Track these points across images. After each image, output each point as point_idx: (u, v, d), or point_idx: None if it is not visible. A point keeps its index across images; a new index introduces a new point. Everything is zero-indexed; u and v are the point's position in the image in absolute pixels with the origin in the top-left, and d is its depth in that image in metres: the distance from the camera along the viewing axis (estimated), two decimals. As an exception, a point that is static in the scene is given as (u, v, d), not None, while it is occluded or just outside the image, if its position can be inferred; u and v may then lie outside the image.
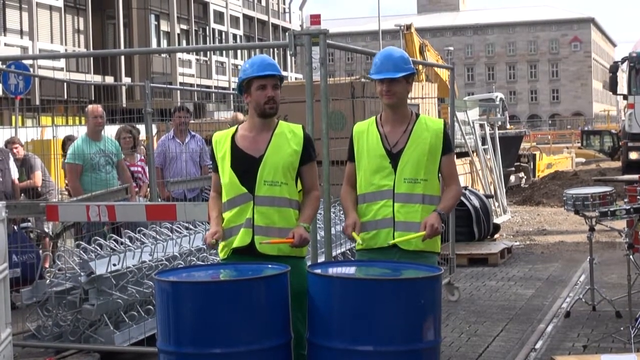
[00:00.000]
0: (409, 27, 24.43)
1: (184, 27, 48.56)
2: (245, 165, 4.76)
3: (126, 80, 39.88)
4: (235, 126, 4.99)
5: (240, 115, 11.25)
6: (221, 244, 4.83)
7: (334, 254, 7.01)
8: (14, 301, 6.76)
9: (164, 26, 46.52)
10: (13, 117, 16.99)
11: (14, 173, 10.08)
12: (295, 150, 4.78)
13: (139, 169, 10.57)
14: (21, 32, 36.03)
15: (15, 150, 11.05)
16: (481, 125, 17.69)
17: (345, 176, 5.12)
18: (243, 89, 4.83)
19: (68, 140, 10.61)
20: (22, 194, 10.49)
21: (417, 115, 5.05)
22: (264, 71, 4.75)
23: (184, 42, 47.77)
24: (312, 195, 4.88)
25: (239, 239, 4.72)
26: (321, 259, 6.12)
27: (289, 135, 4.82)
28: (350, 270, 4.96)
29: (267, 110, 4.77)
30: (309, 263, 5.20)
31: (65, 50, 37.01)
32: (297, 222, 4.74)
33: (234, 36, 53.97)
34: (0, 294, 5.62)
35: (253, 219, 4.70)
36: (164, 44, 45.70)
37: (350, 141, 5.09)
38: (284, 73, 4.95)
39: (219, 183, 4.90)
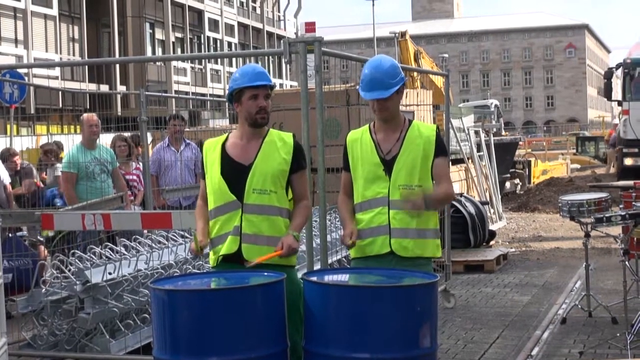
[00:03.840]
0: (403, 34, 24.45)
1: (179, 35, 48.52)
2: (235, 173, 4.75)
3: (121, 88, 39.81)
4: (226, 134, 4.99)
5: None
6: (211, 252, 4.83)
7: (329, 261, 7.01)
8: (9, 310, 6.74)
9: (159, 34, 46.48)
10: (8, 126, 16.98)
11: (6, 180, 10.03)
12: (284, 159, 4.78)
13: (135, 177, 10.57)
14: (16, 41, 35.97)
15: (15, 162, 11.07)
16: (476, 132, 17.70)
17: (342, 186, 5.12)
18: (233, 98, 4.83)
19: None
20: (14, 203, 10.47)
21: (410, 121, 5.05)
22: (256, 81, 4.75)
23: (179, 50, 47.69)
24: (302, 204, 4.88)
25: (226, 247, 4.72)
26: (317, 267, 6.11)
27: (279, 144, 4.82)
28: (346, 277, 4.95)
29: (258, 120, 4.77)
30: (304, 271, 5.20)
31: (60, 58, 36.96)
32: (286, 231, 4.73)
33: (229, 44, 53.91)
34: (-4, 303, 5.60)
35: (241, 226, 4.70)
36: (158, 52, 45.64)
37: (344, 150, 5.09)
38: (278, 81, 4.98)
39: (205, 191, 4.89)
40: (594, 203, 7.90)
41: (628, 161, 21.79)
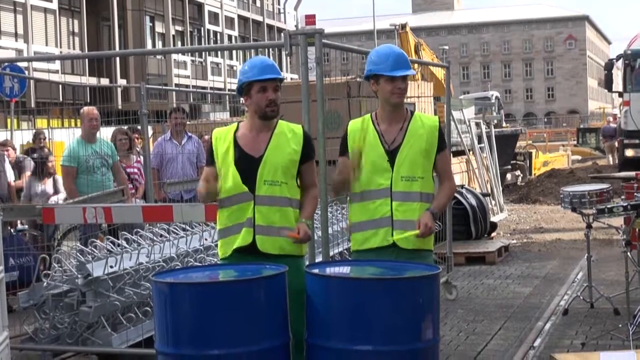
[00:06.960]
0: (404, 26, 24.41)
1: (179, 28, 48.50)
2: (246, 165, 4.76)
3: (121, 82, 39.79)
4: (236, 123, 4.98)
5: None
6: (220, 242, 4.85)
7: (331, 253, 7.00)
8: (11, 304, 6.74)
9: (159, 27, 46.47)
10: (8, 120, 16.97)
11: (10, 175, 10.06)
12: (295, 150, 4.80)
13: (136, 170, 10.55)
14: (16, 35, 35.96)
15: (7, 153, 11.05)
16: (477, 124, 17.68)
17: (337, 170, 5.07)
18: (243, 91, 4.83)
19: None
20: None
21: (412, 112, 5.05)
22: (265, 74, 4.75)
23: (179, 43, 47.70)
24: (310, 193, 4.90)
25: (241, 239, 4.73)
26: (318, 259, 6.10)
27: (289, 135, 4.83)
28: (347, 269, 4.95)
29: (268, 112, 4.78)
30: (306, 263, 5.19)
31: (60, 52, 36.95)
32: (298, 219, 4.75)
33: (229, 37, 53.87)
34: (-3, 297, 5.59)
35: (254, 218, 4.71)
36: (159, 45, 45.63)
37: (344, 137, 5.07)
38: (279, 74, 4.93)
39: (210, 176, 4.82)
40: (596, 194, 7.89)
41: (629, 152, 21.71)
